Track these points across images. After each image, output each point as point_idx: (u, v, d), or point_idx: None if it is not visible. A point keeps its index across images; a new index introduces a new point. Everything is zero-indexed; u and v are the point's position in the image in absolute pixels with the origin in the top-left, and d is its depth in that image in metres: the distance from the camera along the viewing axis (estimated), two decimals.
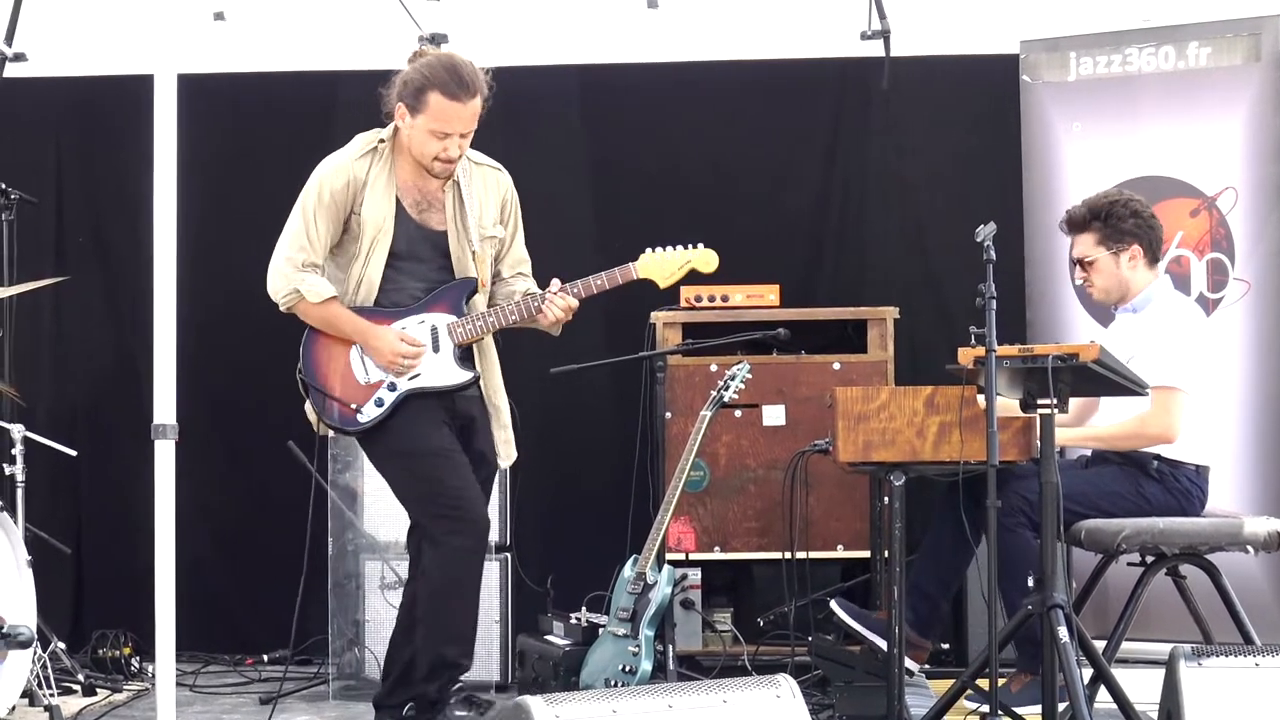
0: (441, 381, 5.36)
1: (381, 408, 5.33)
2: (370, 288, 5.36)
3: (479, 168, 5.50)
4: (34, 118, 7.64)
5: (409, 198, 5.37)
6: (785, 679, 4.02)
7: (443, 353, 5.36)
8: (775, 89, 7.47)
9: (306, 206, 5.34)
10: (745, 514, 6.63)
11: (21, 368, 6.89)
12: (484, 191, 5.49)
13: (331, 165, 5.37)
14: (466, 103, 5.23)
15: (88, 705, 6.31)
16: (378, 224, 5.32)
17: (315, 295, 5.31)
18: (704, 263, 5.57)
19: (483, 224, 5.45)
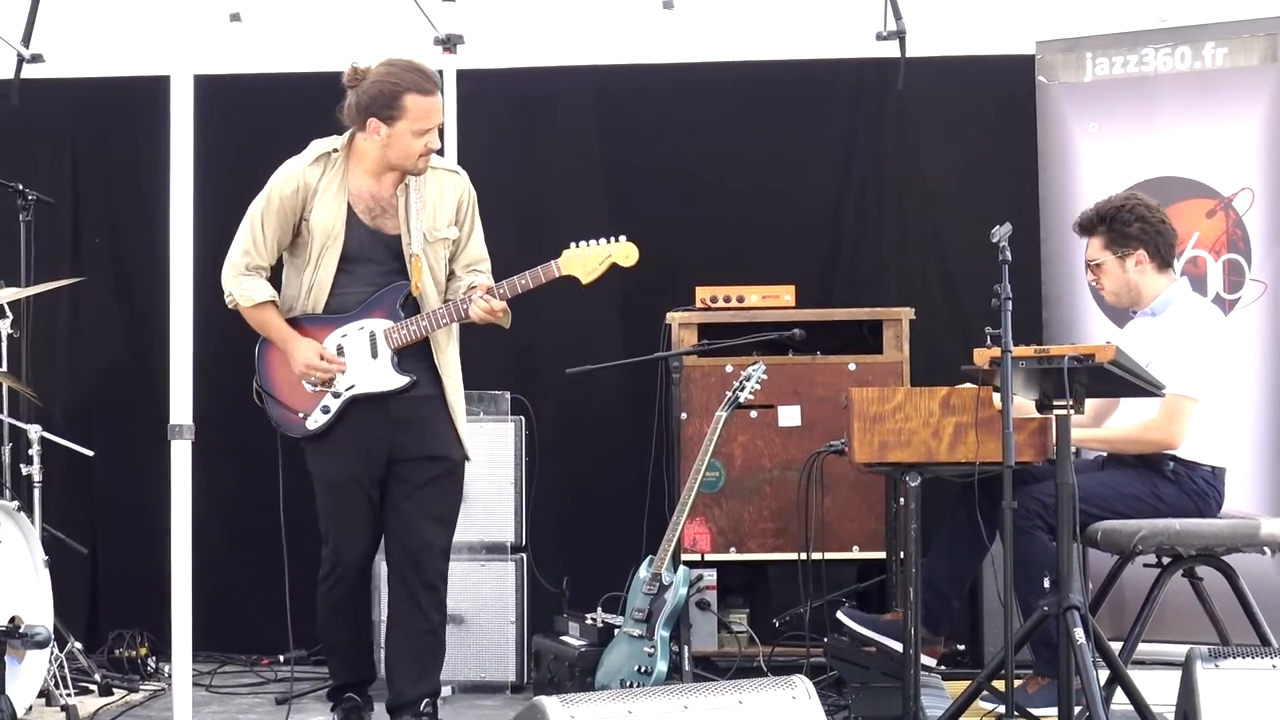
0: (378, 387, 5.45)
1: (328, 414, 5.48)
2: (320, 292, 5.46)
3: (435, 171, 5.56)
4: (51, 119, 7.65)
5: (361, 204, 5.45)
6: (801, 680, 4.02)
7: (380, 358, 5.45)
8: (791, 90, 7.47)
9: (255, 211, 5.49)
10: (761, 515, 6.62)
11: (38, 368, 6.90)
12: (439, 195, 5.55)
13: (283, 172, 5.50)
14: (437, 94, 5.40)
15: (104, 705, 6.32)
16: (327, 230, 5.42)
17: (247, 299, 5.48)
18: (624, 256, 5.54)
19: (436, 226, 5.51)
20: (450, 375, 5.58)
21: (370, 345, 5.45)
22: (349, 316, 5.46)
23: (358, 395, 5.45)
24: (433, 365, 5.52)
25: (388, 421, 5.48)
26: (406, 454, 5.51)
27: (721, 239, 7.41)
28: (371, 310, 5.45)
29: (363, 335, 5.45)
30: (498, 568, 6.59)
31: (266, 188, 5.49)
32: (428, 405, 5.53)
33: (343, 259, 5.44)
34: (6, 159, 7.00)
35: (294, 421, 5.53)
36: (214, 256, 5.66)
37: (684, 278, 6.94)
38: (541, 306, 7.21)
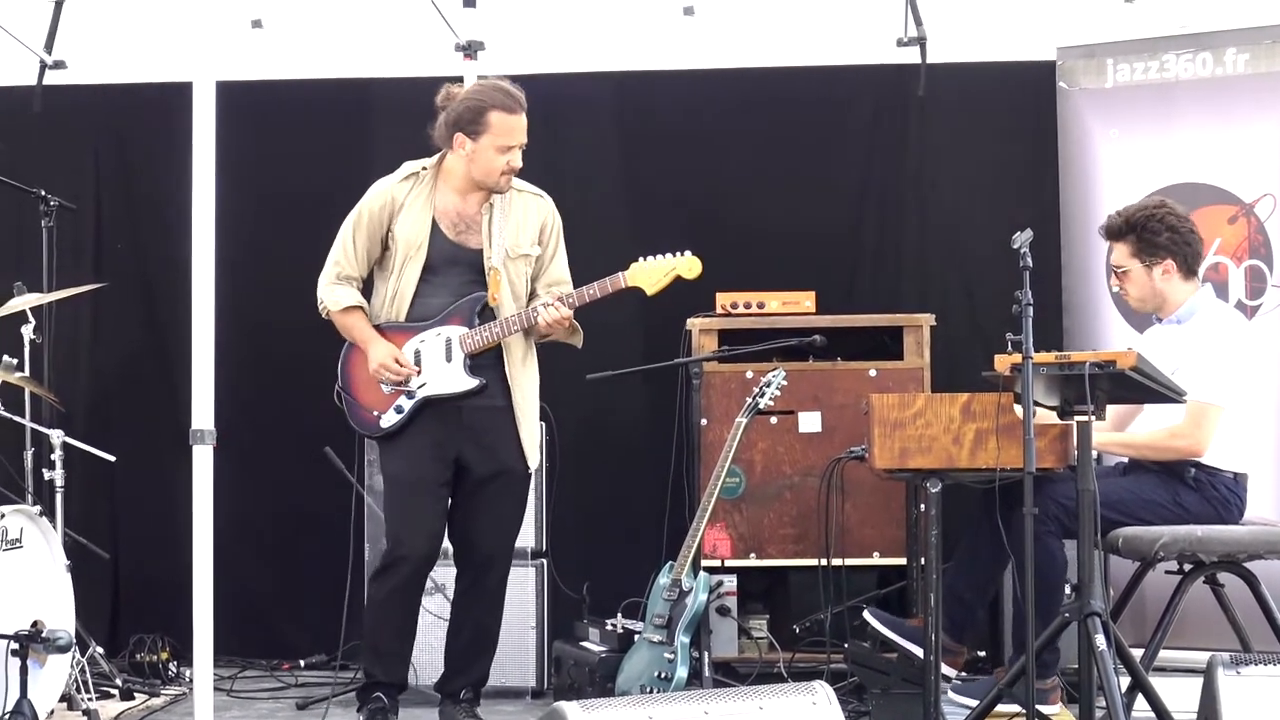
0: (450, 388, 5.71)
1: (401, 414, 5.73)
2: (403, 300, 5.76)
3: (520, 194, 5.86)
4: (73, 125, 7.68)
5: (446, 220, 5.76)
6: (821, 686, 4.03)
7: (454, 362, 5.71)
8: (811, 96, 7.46)
9: (347, 225, 5.81)
10: (781, 521, 6.62)
11: (61, 373, 6.93)
12: (523, 215, 5.83)
13: (375, 189, 5.82)
14: (519, 114, 5.71)
15: (125, 710, 6.33)
16: (410, 241, 5.73)
17: (335, 304, 5.79)
18: (688, 269, 5.73)
19: (518, 244, 5.79)
20: (521, 387, 5.80)
21: (446, 350, 5.72)
22: (429, 324, 5.74)
23: (430, 396, 5.72)
24: (504, 375, 5.76)
25: (458, 428, 5.75)
26: (471, 462, 5.78)
27: (742, 245, 7.40)
28: (450, 318, 5.73)
29: (439, 341, 5.72)
30: (518, 573, 6.56)
31: (359, 204, 5.80)
32: (497, 416, 5.78)
33: (425, 270, 5.74)
34: (29, 165, 7.01)
35: (370, 420, 5.80)
36: (235, 261, 5.69)
37: (704, 284, 6.88)
38: None
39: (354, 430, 5.97)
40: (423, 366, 5.73)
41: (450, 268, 5.75)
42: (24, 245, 7.02)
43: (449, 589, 6.41)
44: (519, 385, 5.80)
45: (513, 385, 5.78)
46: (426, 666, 6.44)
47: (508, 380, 5.77)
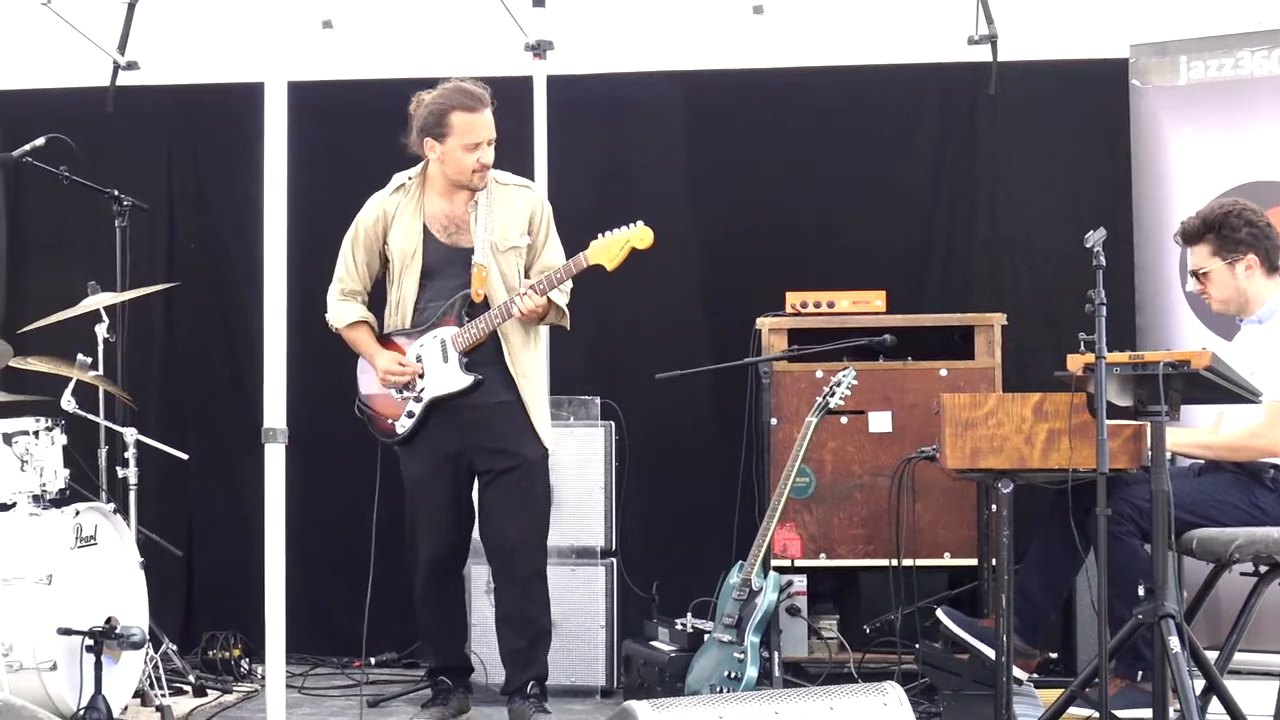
0: (448, 388, 5.91)
1: (412, 419, 5.97)
2: (405, 307, 5.99)
3: (504, 188, 6.02)
4: (146, 125, 7.73)
5: (437, 224, 5.97)
6: (892, 686, 4.01)
7: (450, 362, 5.91)
8: (881, 95, 7.43)
9: (346, 242, 6.09)
10: (851, 521, 6.60)
11: (134, 372, 6.96)
12: (509, 207, 5.99)
13: (367, 205, 6.07)
14: (483, 111, 5.86)
15: (198, 706, 6.38)
16: (404, 250, 5.96)
17: (339, 320, 6.08)
18: (640, 239, 5.81)
19: (506, 236, 5.95)
20: (525, 375, 5.95)
21: (442, 351, 5.91)
22: (427, 328, 5.94)
23: (434, 399, 5.92)
24: (505, 367, 5.90)
25: (463, 425, 5.93)
26: (485, 460, 5.97)
27: (812, 244, 7.39)
28: (442, 320, 5.93)
29: (435, 343, 5.92)
30: (588, 573, 6.60)
31: (355, 219, 6.05)
32: (504, 411, 5.94)
33: (423, 276, 5.96)
34: (102, 166, 7.05)
35: (387, 429, 6.04)
36: (307, 262, 5.72)
37: (774, 283, 6.92)
38: (632, 312, 7.25)
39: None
40: (425, 369, 5.93)
41: (447, 269, 5.94)
42: (98, 245, 7.06)
43: None
44: (522, 373, 5.94)
45: (516, 375, 5.92)
46: (494, 664, 6.46)
47: (510, 371, 5.91)
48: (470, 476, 6.04)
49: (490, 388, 5.90)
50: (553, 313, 5.95)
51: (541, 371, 6.14)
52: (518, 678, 6.01)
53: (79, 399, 6.37)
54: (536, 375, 6.04)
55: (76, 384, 6.34)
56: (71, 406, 6.34)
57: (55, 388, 6.37)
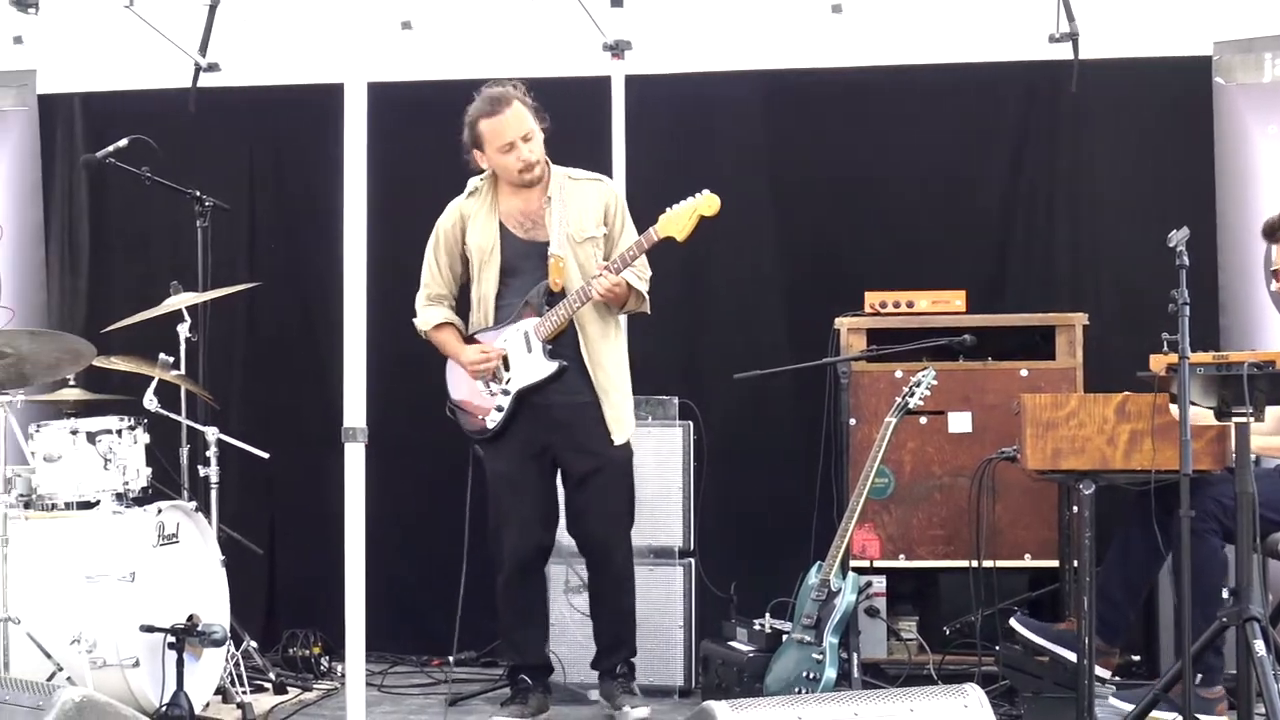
0: (535, 377, 6.00)
1: (502, 413, 6.06)
2: (487, 304, 6.12)
3: (576, 182, 6.13)
4: (227, 126, 7.79)
5: (513, 221, 6.10)
6: (973, 688, 3.98)
7: (534, 351, 6.01)
8: (961, 93, 7.39)
9: (428, 248, 6.24)
10: (930, 522, 6.57)
11: (215, 371, 7.01)
12: (582, 201, 6.09)
13: (446, 210, 6.22)
14: (503, 113, 5.98)
15: (279, 703, 6.42)
16: (482, 248, 6.10)
17: (426, 324, 6.21)
18: (707, 207, 5.83)
19: (582, 228, 6.06)
20: (601, 366, 6.04)
21: (525, 342, 6.00)
22: (509, 323, 6.04)
23: (521, 390, 6.01)
24: (583, 362, 6.00)
25: (551, 426, 6.03)
26: (568, 460, 6.10)
27: (891, 244, 7.35)
28: (523, 312, 6.03)
29: (518, 335, 6.02)
30: (666, 572, 6.60)
31: (435, 226, 6.20)
32: (584, 412, 6.03)
33: (502, 273, 6.08)
34: (184, 166, 7.11)
35: (478, 425, 6.13)
36: (387, 261, 5.74)
37: (853, 283, 6.90)
38: (710, 312, 7.24)
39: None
40: (510, 363, 6.03)
41: (525, 264, 6.05)
42: (180, 245, 7.12)
43: None
44: (599, 364, 6.03)
45: (592, 366, 6.02)
46: (572, 663, 6.48)
47: (587, 367, 6.01)
48: (555, 473, 6.15)
49: (570, 384, 5.98)
50: (632, 298, 6.03)
51: (620, 363, 6.15)
52: (607, 659, 6.21)
53: (161, 398, 6.42)
54: (614, 366, 6.09)
55: (159, 383, 6.39)
56: (154, 406, 6.39)
57: (138, 387, 6.43)
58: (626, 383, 6.17)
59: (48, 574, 5.79)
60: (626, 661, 6.23)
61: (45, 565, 5.80)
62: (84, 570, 5.75)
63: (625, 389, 6.15)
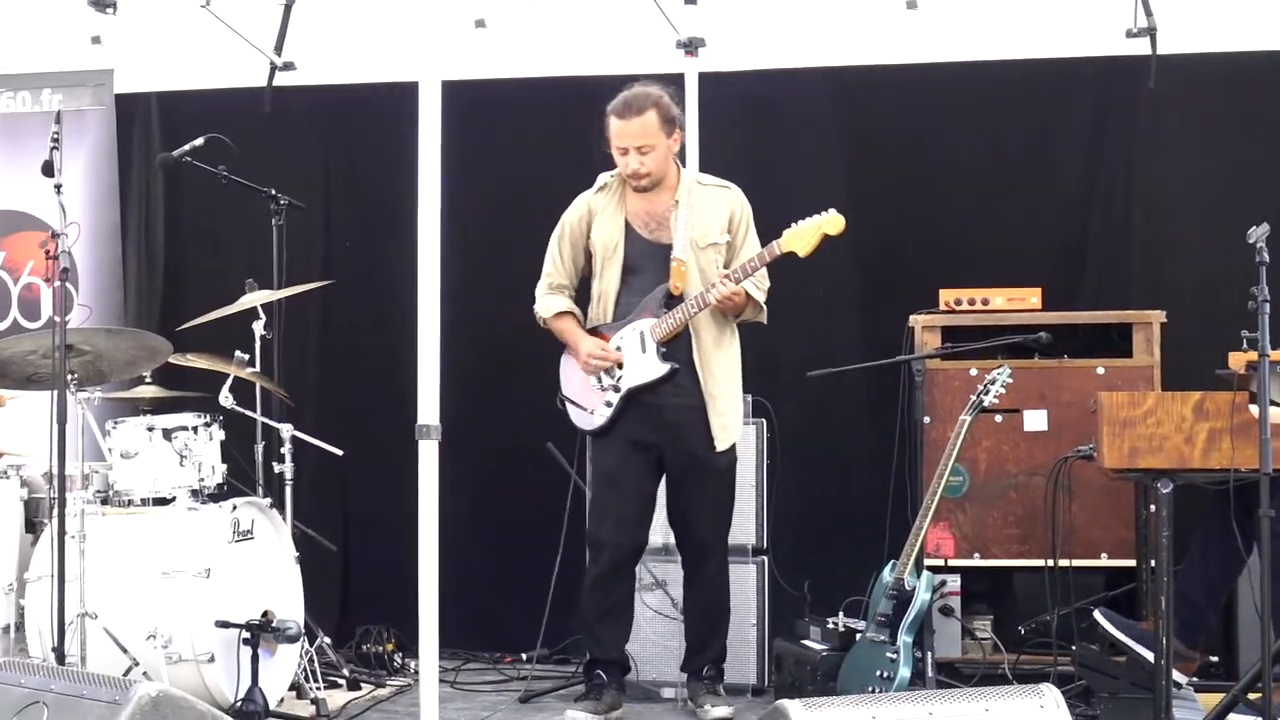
0: (647, 377, 6.04)
1: (610, 408, 6.10)
2: (607, 300, 6.18)
3: (705, 188, 6.18)
4: (302, 125, 7.83)
5: (639, 220, 6.14)
6: (1049, 688, 3.95)
7: (648, 351, 6.04)
8: (1037, 89, 7.33)
9: (553, 238, 6.28)
10: (1006, 520, 6.53)
11: (290, 369, 7.05)
12: (710, 208, 6.13)
13: (575, 202, 6.26)
14: (629, 120, 6.02)
15: (352, 699, 6.44)
16: (607, 244, 6.16)
17: (546, 311, 6.26)
18: (832, 225, 5.87)
19: (706, 234, 6.10)
20: (712, 373, 6.09)
21: (640, 342, 6.05)
22: (626, 321, 6.09)
23: (632, 388, 6.05)
24: (694, 367, 6.05)
25: (660, 425, 6.09)
26: (671, 459, 6.14)
27: (966, 241, 7.31)
28: (641, 312, 6.07)
29: (634, 334, 6.07)
30: (739, 570, 6.57)
31: (562, 217, 6.26)
32: (691, 414, 6.08)
33: (624, 271, 6.14)
34: (259, 165, 7.15)
35: (586, 419, 6.19)
36: (461, 259, 5.75)
37: (927, 280, 6.87)
38: (784, 309, 7.18)
39: (574, 428, 6.27)
40: (624, 361, 6.07)
41: (648, 263, 6.09)
42: (255, 243, 7.15)
43: (670, 585, 6.46)
44: (710, 372, 6.07)
45: (703, 373, 6.06)
46: (645, 661, 6.49)
47: (698, 372, 6.04)
48: (659, 473, 6.19)
49: (681, 387, 6.04)
50: (750, 308, 6.08)
51: (732, 371, 6.18)
52: (695, 660, 6.26)
53: (237, 395, 6.47)
54: (725, 373, 6.13)
55: (234, 380, 6.44)
56: (229, 403, 6.44)
57: (214, 384, 6.47)
58: (737, 391, 6.21)
59: (124, 570, 5.83)
60: (715, 664, 6.26)
61: (122, 561, 5.84)
62: (160, 566, 5.78)
63: (735, 396, 6.18)
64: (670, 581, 6.52)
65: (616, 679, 6.21)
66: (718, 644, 6.28)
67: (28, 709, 4.19)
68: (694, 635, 6.30)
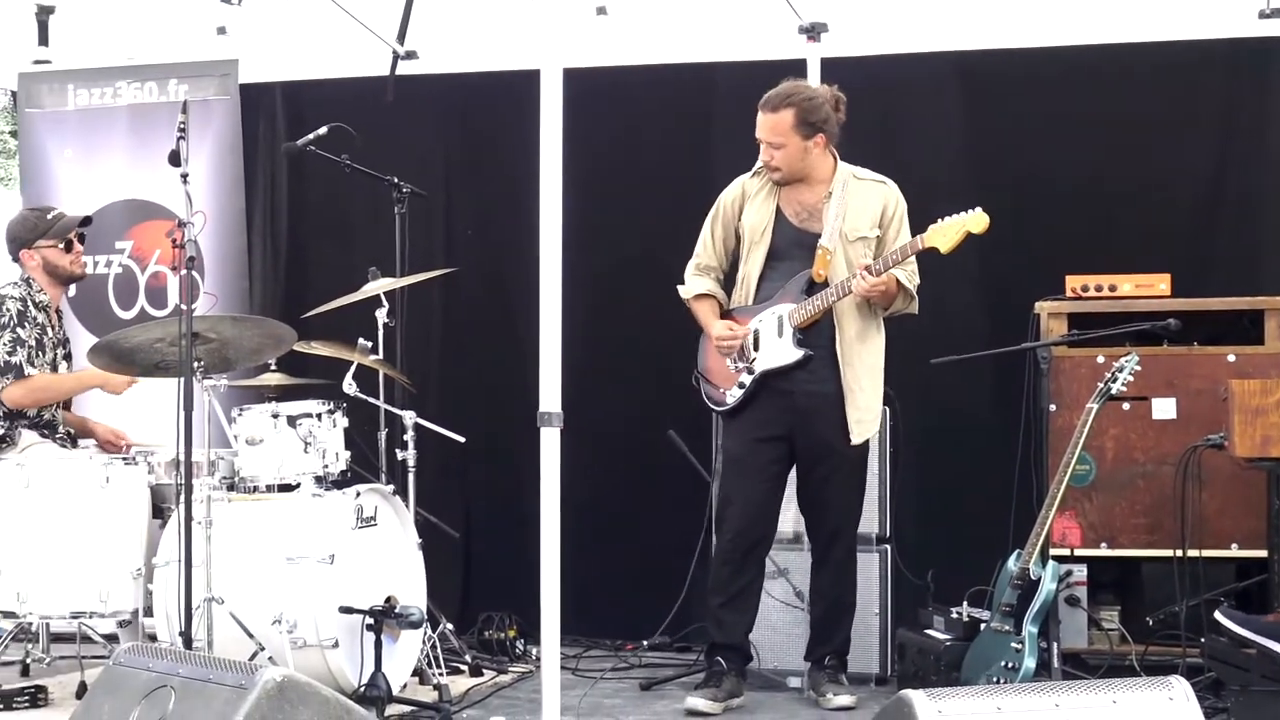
0: (780, 361, 6.07)
1: (742, 390, 6.14)
2: (749, 283, 6.21)
3: (860, 182, 6.18)
4: (424, 113, 7.87)
5: (790, 208, 6.17)
6: (1178, 681, 3.88)
7: (784, 337, 6.07)
8: (1165, 71, 7.21)
9: (707, 218, 6.32)
10: (1133, 510, 6.44)
11: (413, 356, 7.09)
12: (864, 201, 6.14)
13: (731, 184, 6.29)
14: (764, 113, 6.07)
15: (474, 685, 6.47)
16: (755, 228, 6.18)
17: (688, 291, 6.31)
18: (976, 224, 5.87)
19: (857, 227, 6.10)
20: (852, 364, 6.10)
21: (778, 326, 6.09)
22: (767, 305, 6.13)
23: (766, 372, 6.10)
24: (835, 355, 6.07)
25: (790, 410, 6.11)
26: (802, 445, 6.14)
27: (1092, 226, 7.21)
28: (783, 297, 6.11)
29: (773, 318, 6.11)
30: (862, 559, 6.51)
31: (718, 198, 6.29)
32: (825, 401, 6.08)
33: (769, 256, 6.16)
34: (382, 153, 7.18)
35: (719, 397, 6.24)
36: (582, 247, 5.74)
37: (1053, 266, 6.78)
38: None
39: (695, 415, 6.34)
40: (760, 343, 6.10)
41: (794, 251, 6.11)
42: (378, 231, 7.19)
43: (792, 574, 6.43)
44: (850, 363, 6.08)
45: (843, 364, 6.07)
46: (767, 649, 6.46)
47: (838, 361, 6.05)
48: (789, 460, 6.19)
49: (818, 375, 6.06)
50: (900, 298, 6.10)
51: (874, 365, 6.17)
52: (819, 649, 6.27)
53: (360, 382, 6.51)
54: (865, 366, 6.13)
55: (357, 368, 6.48)
56: (353, 390, 6.48)
57: (337, 371, 6.52)
58: (877, 386, 6.20)
59: (250, 555, 5.89)
60: (838, 654, 6.27)
61: (247, 547, 5.90)
62: (285, 552, 5.83)
63: (874, 392, 6.18)
64: (793, 570, 6.49)
65: (737, 666, 6.19)
66: (841, 634, 6.28)
67: (155, 693, 4.23)
68: (818, 624, 6.31)
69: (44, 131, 8.14)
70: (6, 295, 6.64)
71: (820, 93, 6.14)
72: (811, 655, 6.31)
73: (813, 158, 6.10)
